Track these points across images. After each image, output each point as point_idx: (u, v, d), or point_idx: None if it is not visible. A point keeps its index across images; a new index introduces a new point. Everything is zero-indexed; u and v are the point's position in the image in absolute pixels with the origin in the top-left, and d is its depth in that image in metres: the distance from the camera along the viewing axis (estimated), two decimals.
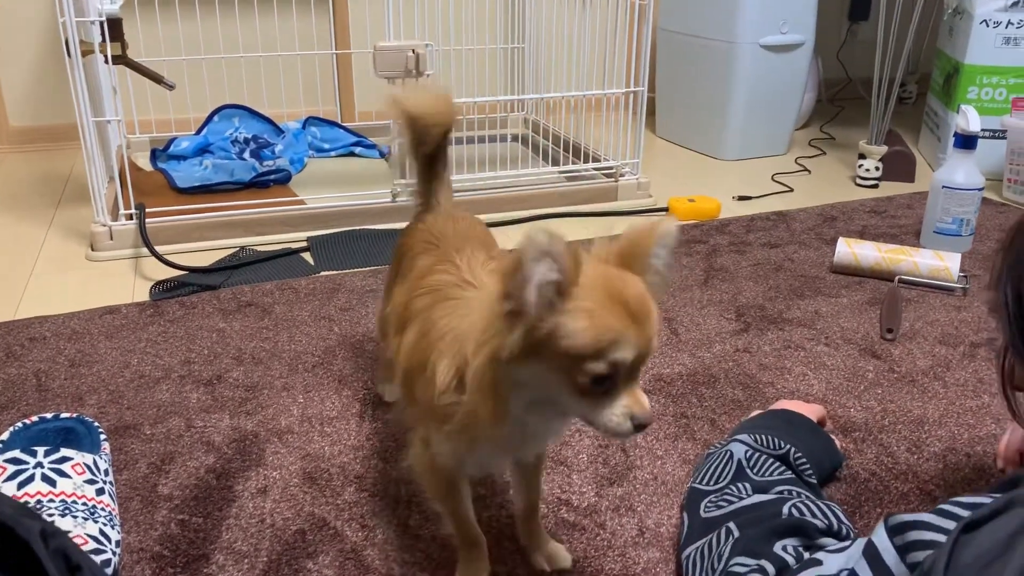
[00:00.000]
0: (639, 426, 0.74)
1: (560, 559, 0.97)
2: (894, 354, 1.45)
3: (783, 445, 1.00)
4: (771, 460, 0.99)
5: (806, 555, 0.79)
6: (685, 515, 0.97)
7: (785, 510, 0.86)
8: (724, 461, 1.00)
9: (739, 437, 1.03)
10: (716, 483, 0.98)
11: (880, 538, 0.68)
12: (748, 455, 1.00)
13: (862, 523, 1.04)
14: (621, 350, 0.71)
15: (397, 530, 1.02)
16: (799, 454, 1.00)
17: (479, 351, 0.75)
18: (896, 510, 1.06)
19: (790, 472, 0.98)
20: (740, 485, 0.95)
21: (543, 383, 0.73)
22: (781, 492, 0.92)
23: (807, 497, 0.90)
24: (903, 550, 0.67)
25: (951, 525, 0.64)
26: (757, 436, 1.02)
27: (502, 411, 0.76)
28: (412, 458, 0.93)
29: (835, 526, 0.85)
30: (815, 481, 1.00)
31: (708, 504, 0.94)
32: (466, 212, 1.13)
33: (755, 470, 0.98)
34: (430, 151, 1.09)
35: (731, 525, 0.87)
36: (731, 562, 0.83)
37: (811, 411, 1.17)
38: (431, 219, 1.08)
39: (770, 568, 0.79)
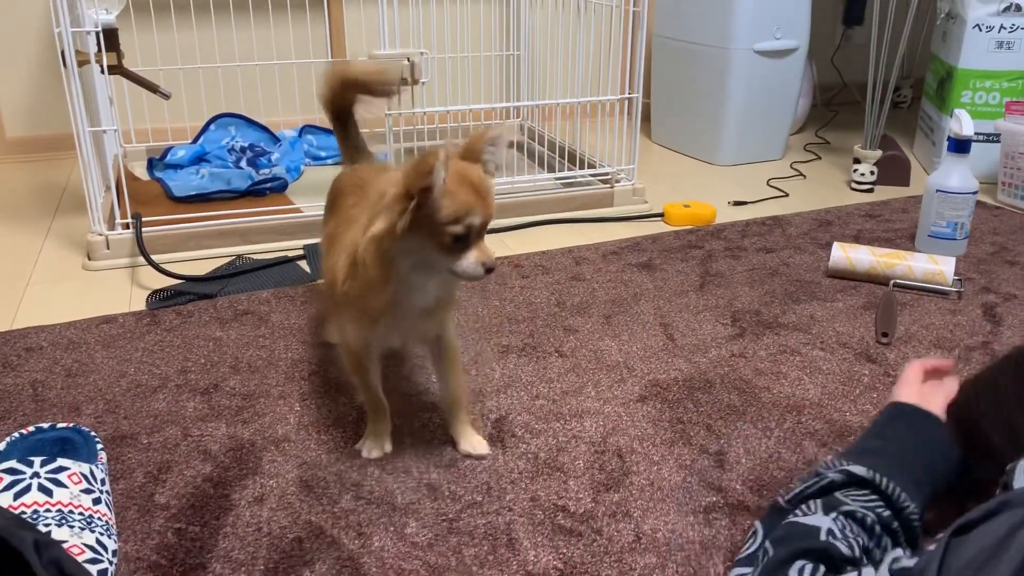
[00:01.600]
0: (488, 269, 1.02)
1: (480, 447, 1.19)
2: (889, 358, 1.46)
3: (898, 494, 0.88)
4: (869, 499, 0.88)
5: None
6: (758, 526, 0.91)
7: (822, 534, 0.80)
8: (816, 486, 0.91)
9: (855, 470, 0.90)
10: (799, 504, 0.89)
11: None
12: (845, 488, 0.89)
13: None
14: (472, 216, 0.99)
15: (394, 538, 1.02)
16: (908, 504, 0.87)
17: (368, 232, 1.00)
18: None
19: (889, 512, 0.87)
20: (811, 503, 0.87)
21: (420, 246, 1.00)
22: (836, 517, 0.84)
23: (853, 518, 0.83)
24: None
25: None
26: (874, 475, 0.89)
27: (388, 274, 1.02)
28: (338, 347, 1.17)
29: (858, 554, 0.80)
30: (917, 524, 0.88)
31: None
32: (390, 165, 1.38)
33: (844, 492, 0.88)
34: (348, 115, 1.37)
35: (767, 544, 0.82)
36: None
37: (939, 397, 1.05)
38: (359, 168, 1.31)
39: None
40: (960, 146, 1.86)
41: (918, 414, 1.01)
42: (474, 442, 1.19)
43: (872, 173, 2.40)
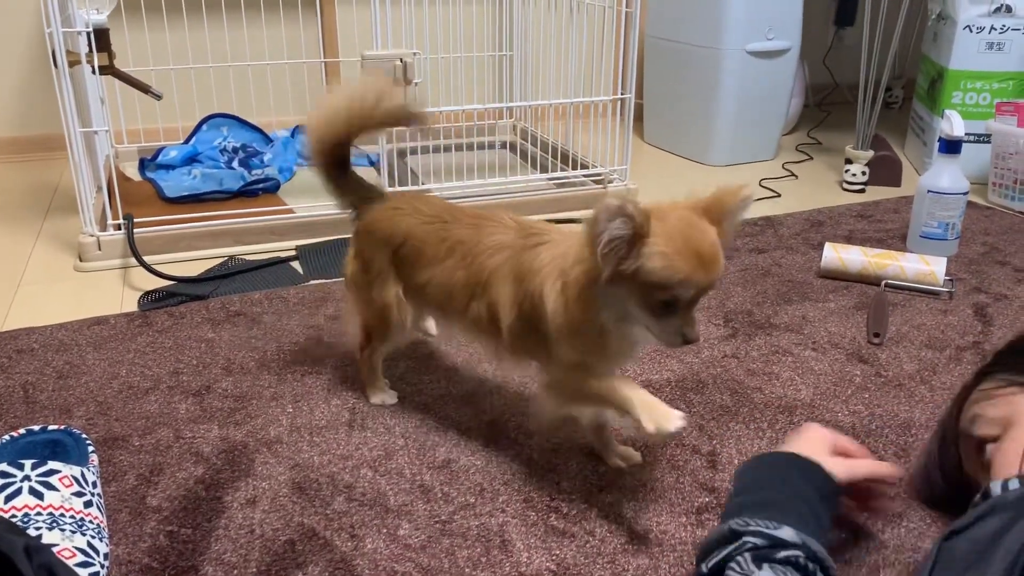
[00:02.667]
0: (687, 341, 0.95)
1: (632, 456, 1.17)
2: (881, 358, 1.46)
3: (814, 547, 0.81)
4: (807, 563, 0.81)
5: None
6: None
7: None
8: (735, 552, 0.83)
9: (783, 536, 0.81)
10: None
11: None
12: (782, 557, 0.80)
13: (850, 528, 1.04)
14: (685, 287, 0.91)
15: (387, 539, 1.02)
16: (825, 556, 0.82)
17: (575, 267, 0.97)
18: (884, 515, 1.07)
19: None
20: (743, 561, 0.81)
21: (624, 302, 0.95)
22: None
23: (791, 564, 0.78)
24: None
25: None
26: (804, 540, 0.81)
27: (592, 319, 0.98)
28: (555, 393, 1.07)
29: None
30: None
31: None
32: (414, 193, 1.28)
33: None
34: (347, 156, 1.23)
35: None
36: None
37: (823, 445, 0.98)
38: (396, 205, 1.23)
39: None
40: (951, 147, 1.87)
41: (814, 466, 0.92)
42: (626, 453, 1.17)
43: (864, 173, 2.41)
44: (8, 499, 0.94)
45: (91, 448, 1.09)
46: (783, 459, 0.94)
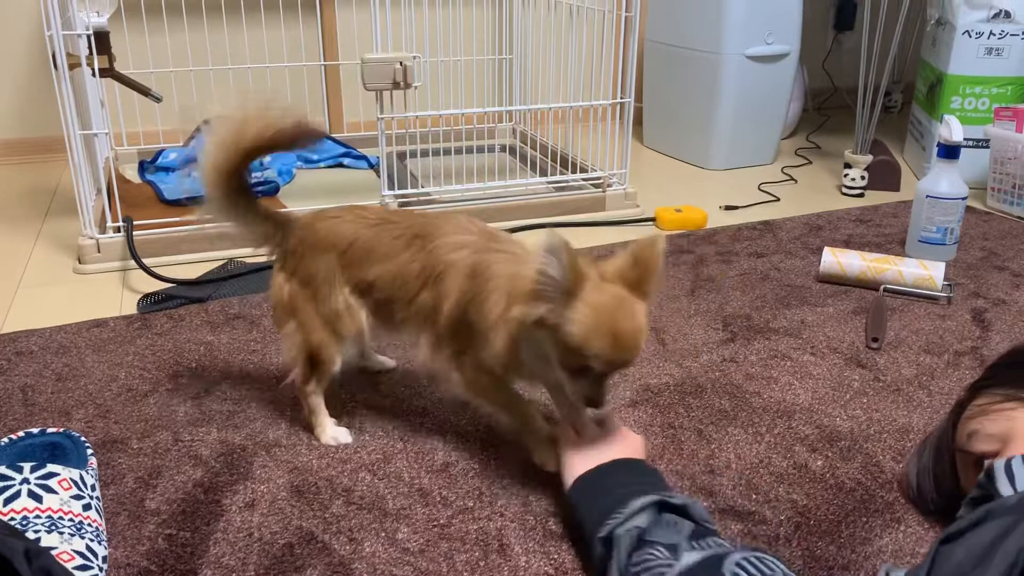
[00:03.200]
0: (590, 404, 1.01)
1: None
2: (879, 363, 1.46)
3: (676, 496, 0.92)
4: (677, 518, 0.89)
5: None
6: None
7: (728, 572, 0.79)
8: (628, 543, 0.89)
9: (636, 507, 0.91)
10: (624, 568, 0.87)
11: None
12: (655, 521, 0.89)
13: (847, 532, 1.05)
14: (599, 362, 0.95)
15: (385, 543, 1.02)
16: (695, 500, 0.93)
17: (519, 300, 0.98)
18: (882, 520, 1.07)
19: (690, 523, 0.90)
20: (655, 551, 0.85)
21: (542, 348, 0.99)
22: (703, 547, 0.84)
23: (748, 555, 0.81)
24: None
25: None
26: (655, 497, 0.91)
27: (515, 356, 1.03)
28: (465, 383, 1.12)
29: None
30: (714, 527, 0.93)
31: None
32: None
33: (663, 534, 0.87)
34: (245, 182, 1.16)
35: None
36: None
37: (639, 447, 1.07)
38: (333, 215, 1.20)
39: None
40: (950, 152, 1.88)
41: (635, 461, 1.03)
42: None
43: (863, 178, 2.41)
44: (7, 502, 0.94)
45: (90, 451, 1.09)
46: (609, 465, 1.01)
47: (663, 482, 1.02)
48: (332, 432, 1.23)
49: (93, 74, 1.83)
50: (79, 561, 0.91)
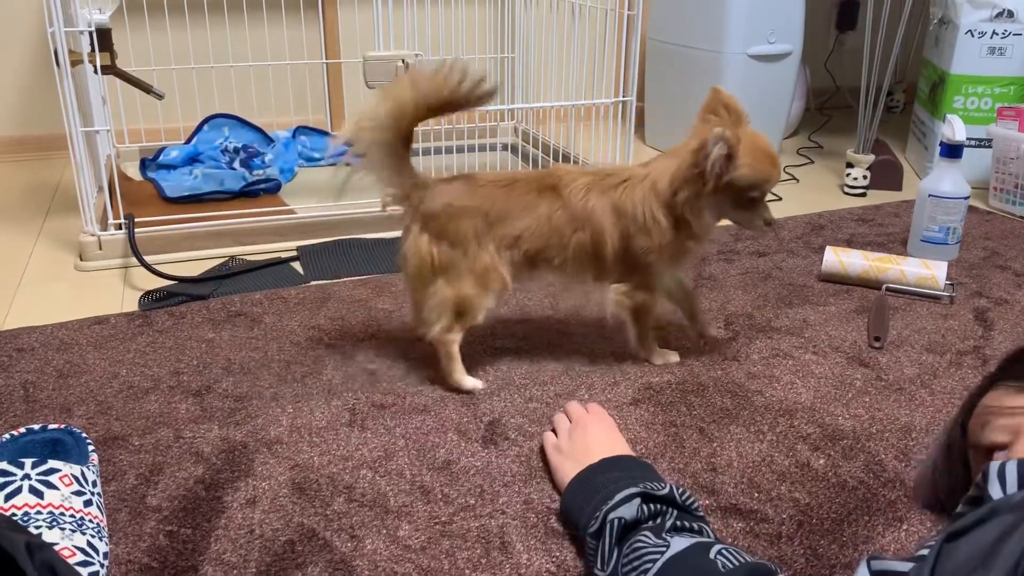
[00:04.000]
0: (768, 224, 1.32)
1: (711, 328, 1.55)
2: (881, 362, 1.46)
3: (663, 487, 0.93)
4: (660, 506, 0.91)
5: None
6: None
7: (716, 560, 0.80)
8: (617, 531, 0.90)
9: (619, 499, 0.93)
10: (612, 558, 0.88)
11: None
12: (639, 513, 0.90)
13: (850, 531, 1.04)
14: (767, 183, 1.28)
15: (387, 541, 1.02)
16: (682, 489, 0.93)
17: (677, 190, 1.28)
18: (884, 519, 1.07)
19: (676, 510, 0.91)
20: (643, 537, 0.86)
21: (723, 204, 1.29)
22: (691, 532, 0.86)
23: (724, 547, 0.83)
24: None
25: None
26: (638, 488, 0.93)
27: (706, 223, 1.30)
28: (632, 304, 1.38)
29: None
30: (701, 512, 0.95)
31: None
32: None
33: (649, 523, 0.89)
34: (411, 134, 1.30)
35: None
36: None
37: (602, 415, 1.20)
38: (468, 177, 1.36)
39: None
40: (952, 151, 1.87)
41: (625, 457, 1.09)
42: (709, 330, 1.54)
43: (865, 177, 2.41)
44: (8, 497, 0.94)
45: (91, 447, 1.09)
46: (598, 464, 1.06)
47: (652, 473, 1.04)
48: (471, 381, 1.36)
49: (95, 71, 1.83)
50: (80, 557, 0.91)
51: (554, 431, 1.20)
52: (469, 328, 1.35)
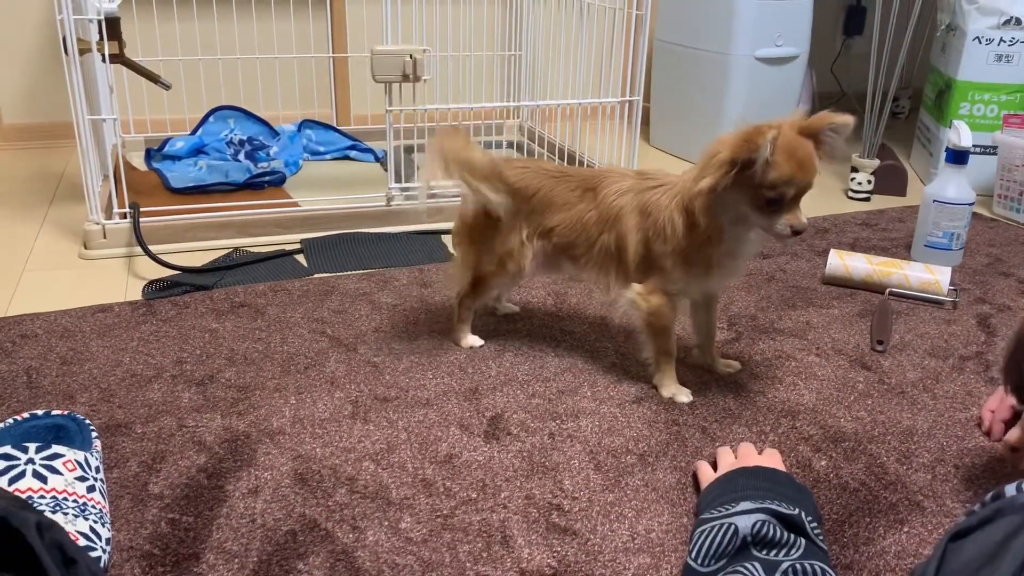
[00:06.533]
0: (795, 232, 1.19)
1: (734, 365, 1.43)
2: (884, 366, 1.46)
3: (792, 509, 0.92)
4: (782, 531, 0.89)
5: None
6: None
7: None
8: (727, 536, 0.90)
9: (743, 508, 0.93)
10: (716, 561, 0.89)
11: None
12: (756, 528, 0.89)
13: (851, 532, 1.04)
14: (788, 186, 1.16)
15: (388, 532, 1.02)
16: (810, 517, 0.92)
17: (696, 186, 1.19)
18: (885, 520, 1.07)
19: (803, 540, 0.89)
20: (748, 566, 0.85)
21: (740, 203, 1.19)
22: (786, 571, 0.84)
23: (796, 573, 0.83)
24: None
25: None
26: (764, 504, 0.92)
27: (718, 225, 1.21)
28: (647, 311, 1.32)
29: None
30: (825, 546, 0.93)
31: None
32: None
33: (763, 545, 0.88)
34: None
35: None
36: None
37: (777, 462, 1.11)
38: (523, 165, 1.42)
39: None
40: (958, 157, 1.87)
41: (774, 470, 1.06)
42: (729, 363, 1.43)
43: (869, 182, 2.41)
44: (12, 481, 0.94)
45: (94, 434, 1.09)
46: (752, 468, 1.05)
47: (806, 498, 1.00)
48: (469, 340, 1.48)
49: (103, 60, 1.83)
50: (83, 542, 0.91)
51: (713, 464, 1.14)
52: (481, 302, 1.47)
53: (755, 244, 1.29)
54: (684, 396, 1.34)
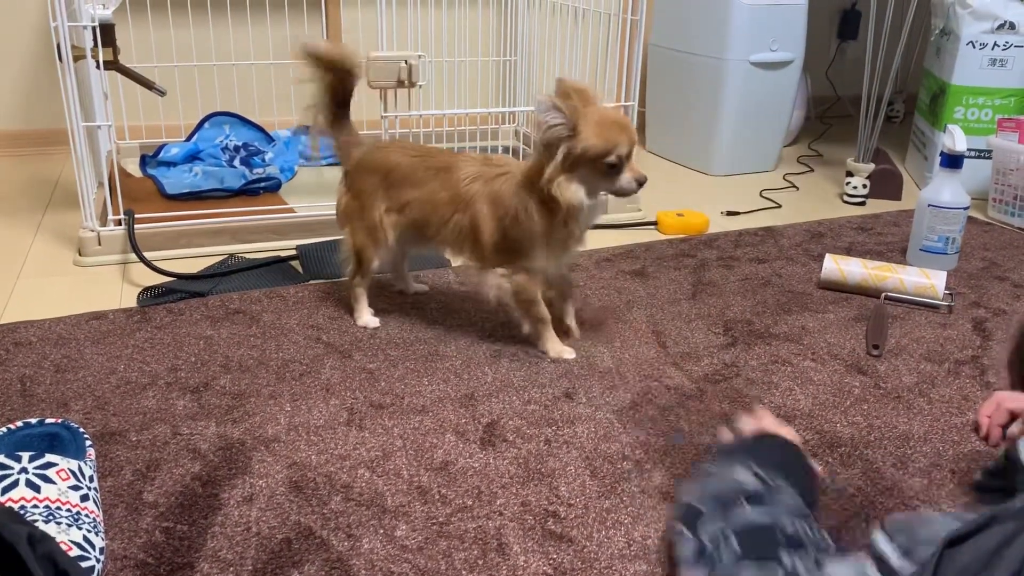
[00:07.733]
0: (639, 183, 1.35)
1: (575, 328, 1.55)
2: (880, 370, 1.46)
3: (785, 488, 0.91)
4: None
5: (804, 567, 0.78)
6: (686, 532, 0.90)
7: (789, 526, 0.83)
8: (730, 487, 0.91)
9: (741, 467, 0.93)
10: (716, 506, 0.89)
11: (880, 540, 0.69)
12: (755, 489, 0.90)
13: (847, 538, 1.04)
14: (619, 148, 1.31)
15: (383, 540, 1.02)
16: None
17: (545, 177, 1.32)
18: None
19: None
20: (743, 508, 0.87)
21: (586, 175, 1.32)
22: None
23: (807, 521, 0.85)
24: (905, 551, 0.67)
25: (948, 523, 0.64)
26: (759, 471, 0.92)
27: (573, 200, 1.33)
28: (513, 289, 1.43)
29: (830, 548, 0.83)
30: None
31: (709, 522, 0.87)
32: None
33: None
34: (344, 99, 1.54)
35: (733, 542, 0.83)
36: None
37: (794, 437, 1.11)
38: (384, 145, 1.58)
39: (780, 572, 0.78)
40: (953, 161, 1.88)
41: (789, 444, 1.04)
42: (574, 328, 1.55)
43: (864, 186, 2.41)
44: (5, 491, 0.94)
45: (88, 442, 1.08)
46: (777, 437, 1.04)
47: (808, 477, 0.99)
48: (365, 318, 1.57)
49: (97, 66, 1.83)
50: (76, 552, 0.91)
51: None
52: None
53: (600, 210, 1.43)
54: (568, 354, 1.47)
